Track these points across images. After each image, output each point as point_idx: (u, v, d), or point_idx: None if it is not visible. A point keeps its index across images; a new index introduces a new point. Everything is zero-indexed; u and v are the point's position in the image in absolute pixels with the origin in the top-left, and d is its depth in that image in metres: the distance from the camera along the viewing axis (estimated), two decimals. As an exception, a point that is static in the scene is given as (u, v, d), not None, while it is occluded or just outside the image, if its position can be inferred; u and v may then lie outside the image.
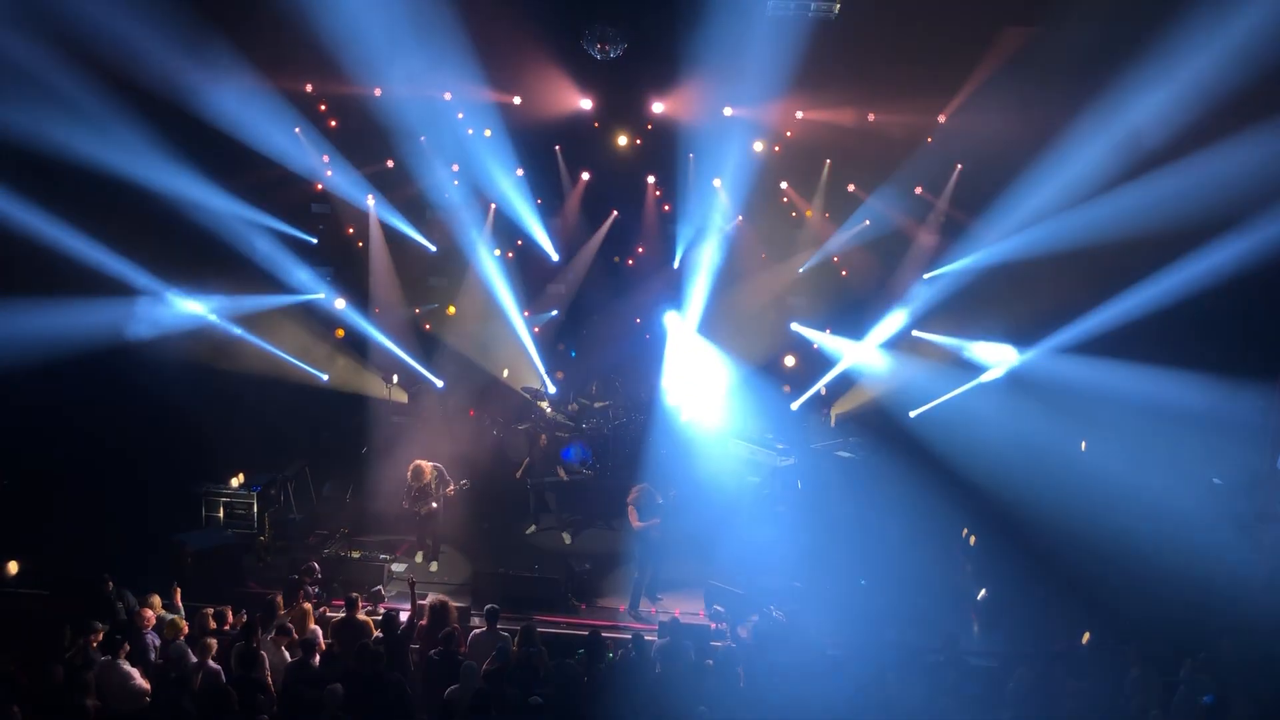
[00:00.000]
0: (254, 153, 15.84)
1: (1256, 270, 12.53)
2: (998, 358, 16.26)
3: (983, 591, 12.75)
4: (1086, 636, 10.97)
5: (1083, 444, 15.95)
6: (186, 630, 9.68)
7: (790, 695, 8.95)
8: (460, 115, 16.83)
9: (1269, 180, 12.07)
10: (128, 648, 9.11)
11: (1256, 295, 13.03)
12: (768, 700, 8.91)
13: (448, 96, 16.44)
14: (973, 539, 14.46)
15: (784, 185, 17.97)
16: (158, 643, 9.56)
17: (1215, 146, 12.42)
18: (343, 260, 18.13)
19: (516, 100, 16.61)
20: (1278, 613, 11.16)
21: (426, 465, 13.09)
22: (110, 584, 10.50)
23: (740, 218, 17.90)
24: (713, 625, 11.62)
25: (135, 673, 8.93)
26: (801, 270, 18.45)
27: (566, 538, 14.45)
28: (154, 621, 9.75)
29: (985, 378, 16.37)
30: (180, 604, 10.47)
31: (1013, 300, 15.67)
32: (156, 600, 10.13)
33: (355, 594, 10.56)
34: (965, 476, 15.48)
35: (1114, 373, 14.82)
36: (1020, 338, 15.75)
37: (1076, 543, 14.25)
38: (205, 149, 14.99)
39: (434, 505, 13.10)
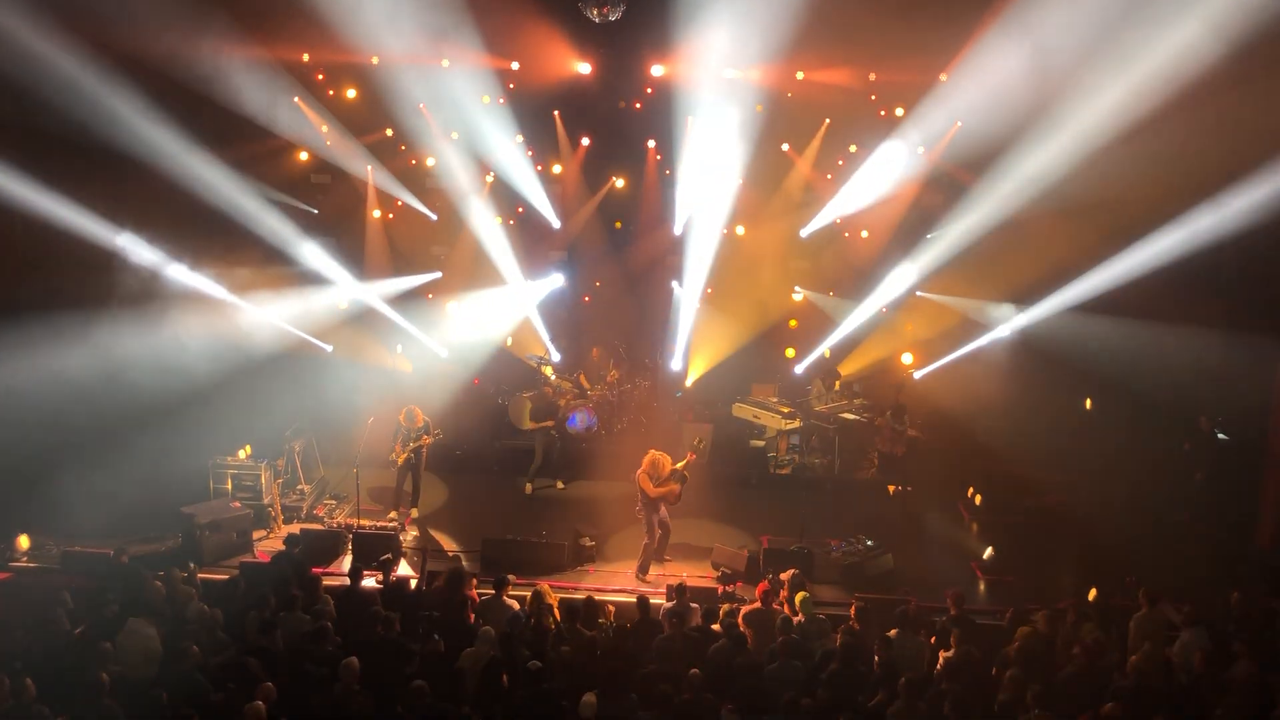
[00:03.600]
0: (253, 123, 15.76)
1: (1266, 224, 12.41)
2: (1002, 316, 16.20)
3: (989, 550, 12.81)
4: (1094, 593, 11.02)
5: (1088, 402, 15.96)
6: (198, 600, 9.77)
7: (794, 657, 9.00)
8: (458, 82, 16.68)
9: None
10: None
11: (1267, 248, 12.92)
12: (773, 665, 8.95)
13: (445, 63, 16.31)
14: (978, 498, 14.52)
15: (785, 148, 17.83)
16: (171, 612, 9.64)
17: (1224, 97, 12.25)
18: (343, 230, 18.07)
19: (514, 65, 16.47)
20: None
21: (419, 410, 13.61)
22: (124, 557, 10.58)
23: (741, 180, 17.77)
24: (720, 589, 11.69)
25: (155, 636, 9.03)
26: (804, 233, 18.36)
27: (529, 488, 14.76)
28: (164, 592, 9.84)
29: (990, 337, 16.33)
30: (195, 576, 10.57)
31: (1017, 258, 15.60)
32: (172, 572, 10.24)
33: (359, 564, 10.65)
34: (970, 435, 15.52)
35: (1119, 330, 14.79)
36: (1025, 296, 15.69)
37: (1082, 500, 14.33)
38: (204, 120, 14.90)
39: (422, 445, 13.48)
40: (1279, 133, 12.10)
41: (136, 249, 14.76)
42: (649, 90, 16.99)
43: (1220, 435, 14.14)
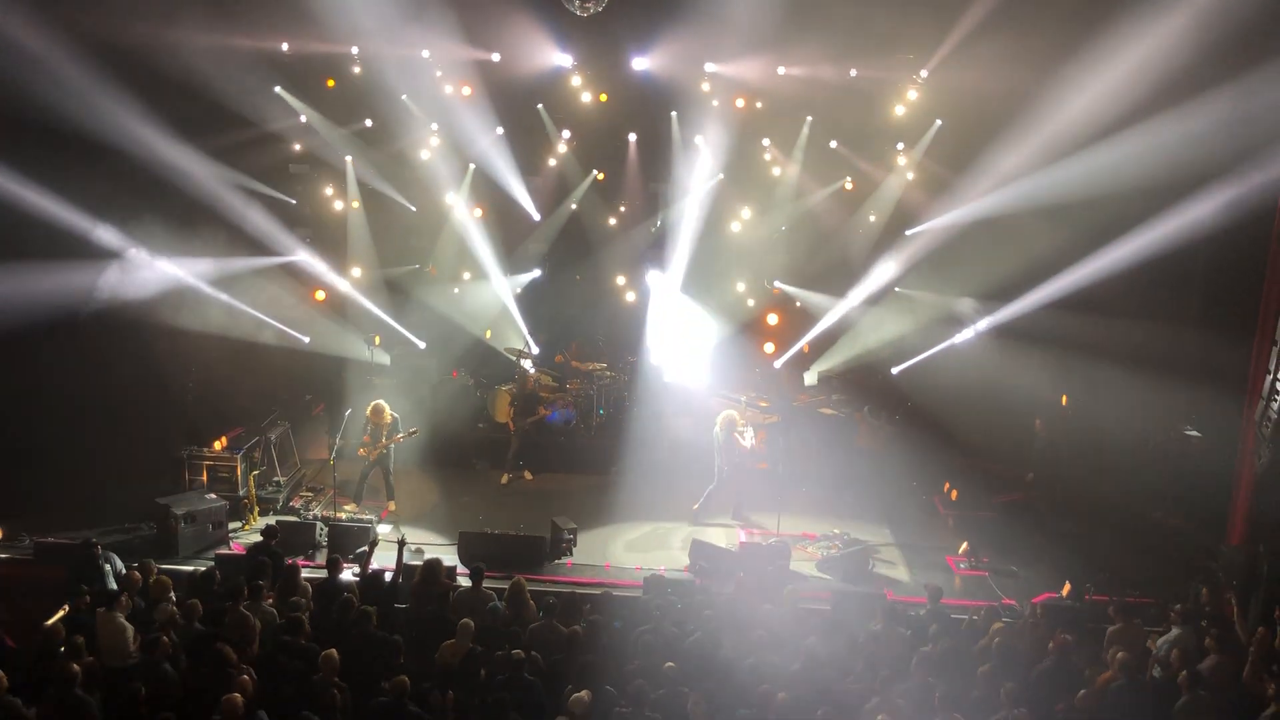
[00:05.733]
0: (232, 112, 15.63)
1: (1239, 223, 12.51)
2: (980, 312, 16.28)
3: (964, 545, 12.89)
4: (1067, 588, 11.12)
5: (1064, 398, 16.06)
6: (173, 591, 9.70)
7: (770, 652, 9.02)
8: (439, 73, 16.60)
9: (1253, 130, 12.01)
10: (124, 602, 9.16)
11: (1238, 248, 13.02)
12: (748, 658, 8.97)
13: (426, 54, 16.22)
14: (954, 493, 14.61)
15: (765, 142, 17.85)
16: (143, 605, 9.57)
17: (1198, 97, 12.35)
18: (322, 221, 17.96)
19: (496, 57, 16.40)
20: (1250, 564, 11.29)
21: (386, 406, 13.49)
22: (97, 547, 10.50)
23: (722, 175, 17.79)
24: (697, 581, 11.71)
25: (130, 627, 8.97)
26: (784, 228, 18.41)
27: (504, 479, 14.87)
28: (140, 584, 9.76)
29: (968, 333, 16.41)
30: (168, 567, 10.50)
31: (995, 255, 15.68)
32: (147, 563, 10.17)
33: (336, 555, 10.61)
34: (948, 431, 15.60)
35: (1096, 326, 14.89)
36: (1003, 292, 15.77)
37: (1058, 496, 14.43)
38: (183, 110, 14.76)
39: (387, 445, 13.40)
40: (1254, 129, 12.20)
41: (113, 239, 14.60)
42: (630, 84, 16.96)
43: (1191, 432, 14.30)
